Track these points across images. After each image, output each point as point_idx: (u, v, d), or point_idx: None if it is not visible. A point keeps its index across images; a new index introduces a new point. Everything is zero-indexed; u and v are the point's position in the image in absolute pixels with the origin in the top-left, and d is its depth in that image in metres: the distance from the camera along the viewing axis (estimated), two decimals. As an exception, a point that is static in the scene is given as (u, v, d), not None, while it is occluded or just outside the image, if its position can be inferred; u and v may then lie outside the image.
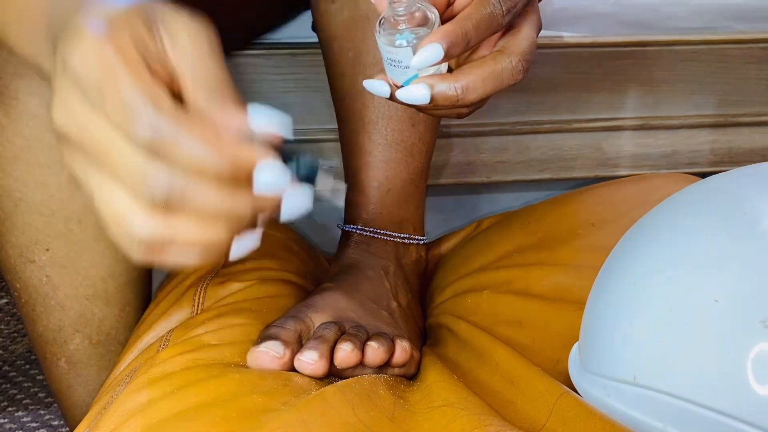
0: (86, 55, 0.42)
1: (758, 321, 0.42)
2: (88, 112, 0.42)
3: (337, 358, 0.57)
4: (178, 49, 0.44)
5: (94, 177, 0.43)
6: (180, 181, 0.41)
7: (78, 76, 0.42)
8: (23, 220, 0.71)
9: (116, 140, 0.41)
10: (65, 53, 0.43)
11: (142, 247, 0.43)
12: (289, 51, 0.88)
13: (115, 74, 0.41)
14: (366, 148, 0.71)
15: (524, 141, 0.95)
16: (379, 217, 0.72)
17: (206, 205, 0.42)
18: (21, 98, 0.67)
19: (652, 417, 0.46)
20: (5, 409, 1.03)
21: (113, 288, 0.75)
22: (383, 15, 0.50)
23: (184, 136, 0.41)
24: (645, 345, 0.47)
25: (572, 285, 0.67)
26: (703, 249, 0.46)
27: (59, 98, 0.43)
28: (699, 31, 0.93)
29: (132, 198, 0.42)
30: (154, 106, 0.41)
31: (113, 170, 0.42)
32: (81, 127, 0.42)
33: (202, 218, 0.42)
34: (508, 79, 0.51)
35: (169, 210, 0.42)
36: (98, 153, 0.42)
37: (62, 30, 0.45)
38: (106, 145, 0.42)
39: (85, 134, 0.42)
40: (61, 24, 0.46)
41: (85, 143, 0.42)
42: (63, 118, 0.43)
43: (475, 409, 0.50)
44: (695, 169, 0.97)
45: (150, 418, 0.51)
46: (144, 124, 0.40)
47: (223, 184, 0.42)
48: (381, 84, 0.52)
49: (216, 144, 0.41)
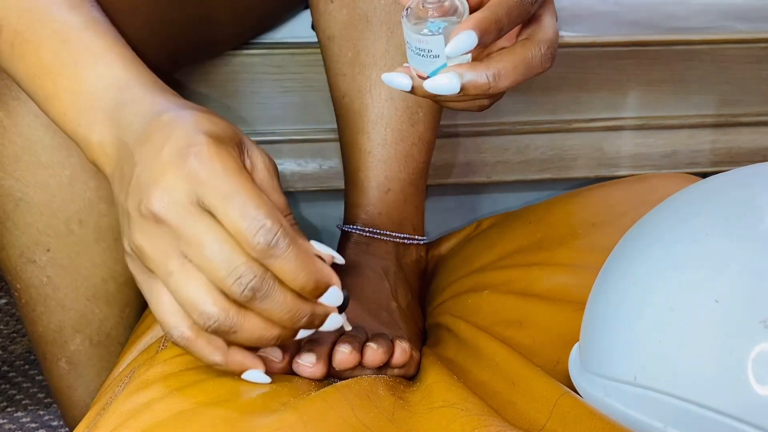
0: (206, 160, 0.48)
1: (758, 321, 0.42)
2: (197, 206, 0.48)
3: (336, 360, 0.57)
4: (256, 176, 0.51)
5: (174, 261, 0.48)
6: (267, 285, 0.48)
7: (194, 175, 0.47)
8: (24, 221, 0.71)
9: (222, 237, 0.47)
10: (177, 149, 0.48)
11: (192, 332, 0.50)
12: (288, 51, 0.88)
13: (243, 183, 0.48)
14: (365, 148, 0.71)
15: (524, 141, 0.95)
16: (379, 217, 0.72)
17: (279, 311, 0.49)
18: (23, 98, 0.67)
19: (653, 417, 0.46)
20: (4, 409, 1.03)
21: (114, 288, 0.75)
22: (409, 4, 0.50)
23: (292, 250, 0.48)
24: (645, 345, 0.46)
25: (572, 285, 0.67)
26: (704, 249, 0.46)
27: (163, 187, 0.48)
28: (699, 31, 0.93)
29: (212, 288, 0.48)
30: (277, 221, 0.47)
31: (204, 261, 0.48)
32: (183, 218, 0.48)
33: (266, 320, 0.49)
34: (537, 67, 0.51)
35: (240, 308, 0.49)
36: (194, 243, 0.48)
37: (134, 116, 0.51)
38: (207, 239, 0.47)
39: (185, 224, 0.48)
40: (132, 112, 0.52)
41: (181, 231, 0.48)
42: (164, 205, 0.48)
43: (475, 410, 0.50)
44: (696, 169, 0.97)
45: (149, 418, 0.51)
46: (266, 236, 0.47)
47: (297, 295, 0.49)
48: (401, 76, 0.51)
49: (310, 263, 0.49)
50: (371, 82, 0.70)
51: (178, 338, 0.50)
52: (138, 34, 0.58)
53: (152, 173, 0.48)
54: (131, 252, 0.51)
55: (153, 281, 0.50)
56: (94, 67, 0.53)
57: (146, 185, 0.48)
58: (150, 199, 0.48)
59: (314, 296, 0.50)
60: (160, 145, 0.49)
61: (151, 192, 0.48)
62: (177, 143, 0.48)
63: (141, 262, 0.50)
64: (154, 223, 0.48)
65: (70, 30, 0.54)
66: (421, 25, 0.49)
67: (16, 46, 0.55)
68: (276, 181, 0.52)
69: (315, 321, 0.51)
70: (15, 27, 0.55)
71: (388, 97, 0.70)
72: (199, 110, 0.51)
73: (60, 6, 0.55)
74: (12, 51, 0.55)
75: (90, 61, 0.54)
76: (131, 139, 0.51)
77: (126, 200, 0.50)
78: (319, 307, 0.51)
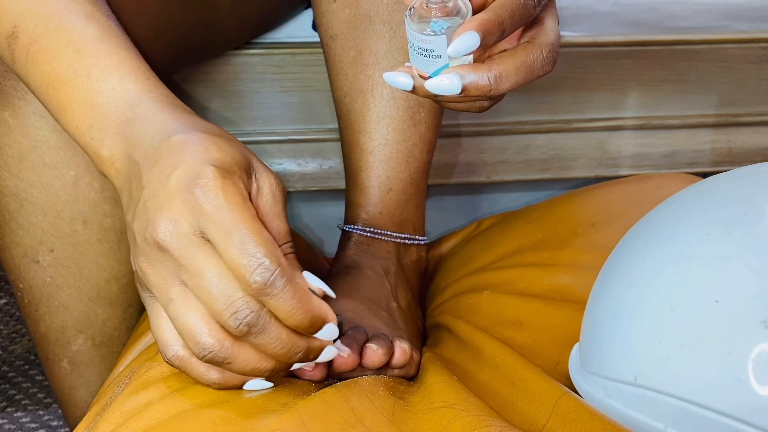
0: (212, 193, 0.48)
1: (759, 321, 0.42)
2: (201, 238, 0.48)
3: (335, 364, 0.57)
4: (261, 201, 0.51)
5: (175, 289, 0.49)
6: (264, 320, 0.48)
7: (200, 207, 0.48)
8: (28, 221, 0.71)
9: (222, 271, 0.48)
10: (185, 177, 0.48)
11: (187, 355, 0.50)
12: (288, 51, 0.88)
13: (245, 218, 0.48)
14: (367, 148, 0.71)
15: (524, 141, 0.95)
16: (380, 217, 0.72)
17: (274, 346, 0.49)
18: (29, 99, 0.67)
19: (653, 417, 0.46)
20: (4, 409, 1.03)
21: (117, 289, 0.75)
22: (412, 4, 0.50)
23: (288, 290, 0.48)
24: (645, 345, 0.46)
25: (572, 285, 0.67)
26: (704, 249, 0.46)
27: (169, 215, 0.48)
28: (699, 30, 0.93)
29: (209, 320, 0.49)
30: (276, 260, 0.48)
31: (203, 293, 0.48)
32: (186, 248, 0.48)
33: (261, 353, 0.50)
34: (538, 70, 0.51)
35: (236, 340, 0.49)
36: (194, 274, 0.48)
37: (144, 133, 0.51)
38: (208, 271, 0.48)
39: (187, 254, 0.48)
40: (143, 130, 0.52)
41: (183, 260, 0.48)
42: (168, 233, 0.48)
43: (475, 410, 0.50)
44: (696, 169, 0.97)
45: (149, 418, 0.51)
46: (263, 275, 0.47)
47: (293, 331, 0.50)
48: (402, 76, 0.51)
49: (306, 302, 0.49)
50: (373, 82, 0.70)
51: (172, 357, 0.51)
52: (144, 34, 0.58)
53: (159, 201, 0.49)
54: (135, 271, 0.51)
55: (154, 301, 0.51)
56: (107, 80, 0.53)
57: (152, 212, 0.49)
58: (155, 227, 0.48)
59: (310, 333, 0.51)
60: (168, 172, 0.49)
61: (156, 220, 0.48)
62: (185, 173, 0.48)
63: (143, 283, 0.51)
64: (157, 250, 0.49)
65: (85, 41, 0.54)
66: (424, 24, 0.49)
67: (31, 54, 0.55)
68: (281, 206, 0.52)
69: (310, 355, 0.51)
70: (31, 35, 0.55)
71: (390, 96, 0.70)
72: (209, 133, 0.51)
73: (77, 15, 0.55)
74: (27, 58, 0.55)
75: (103, 74, 0.54)
76: (141, 158, 0.51)
77: (132, 222, 0.51)
78: (315, 342, 0.51)
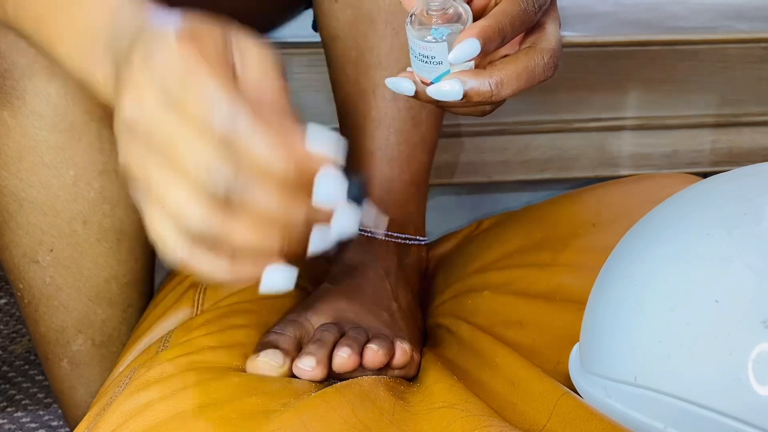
0: (171, 55, 0.44)
1: (759, 321, 0.42)
2: (163, 106, 0.43)
3: (335, 364, 0.57)
4: (248, 68, 0.46)
5: (153, 170, 0.44)
6: (245, 178, 0.42)
7: (159, 72, 0.44)
8: (27, 221, 0.71)
9: (188, 133, 0.43)
10: (146, 52, 0.44)
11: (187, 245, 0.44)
12: (288, 51, 0.88)
13: (200, 71, 0.43)
14: (367, 148, 0.71)
15: (524, 141, 0.95)
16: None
17: (266, 208, 0.43)
18: (27, 99, 0.67)
19: (653, 417, 0.46)
20: (4, 409, 1.03)
21: (116, 289, 0.75)
22: (413, 11, 0.50)
23: (257, 135, 0.42)
24: (645, 345, 0.47)
25: (572, 285, 0.67)
26: (704, 249, 0.46)
27: (132, 92, 0.44)
28: (699, 30, 0.93)
29: (192, 191, 0.43)
30: (234, 103, 0.42)
31: (178, 163, 0.43)
32: (152, 120, 0.44)
33: (257, 222, 0.44)
34: (539, 76, 0.51)
35: (227, 209, 0.43)
36: (165, 145, 0.43)
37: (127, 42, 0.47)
38: (175, 137, 0.43)
39: (154, 126, 0.44)
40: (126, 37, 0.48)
41: (152, 135, 0.44)
42: (133, 111, 0.44)
43: (475, 410, 0.50)
44: (696, 169, 0.97)
45: (149, 419, 0.51)
46: (223, 118, 0.42)
47: (284, 189, 0.43)
48: (405, 81, 0.52)
49: (285, 147, 0.43)
50: (374, 83, 0.70)
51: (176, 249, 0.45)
52: None
53: (123, 84, 0.45)
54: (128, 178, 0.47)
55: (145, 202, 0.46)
56: (92, 3, 0.51)
57: (122, 98, 0.45)
58: (121, 109, 0.45)
59: (303, 186, 0.44)
60: (138, 60, 0.45)
61: (121, 103, 0.45)
62: (144, 47, 0.45)
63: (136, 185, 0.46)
64: (128, 134, 0.45)
65: None
66: (424, 31, 0.49)
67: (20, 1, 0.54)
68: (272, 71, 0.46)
69: (317, 217, 0.45)
70: None
71: (391, 97, 0.70)
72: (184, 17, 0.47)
73: None
74: (16, 5, 0.54)
75: None
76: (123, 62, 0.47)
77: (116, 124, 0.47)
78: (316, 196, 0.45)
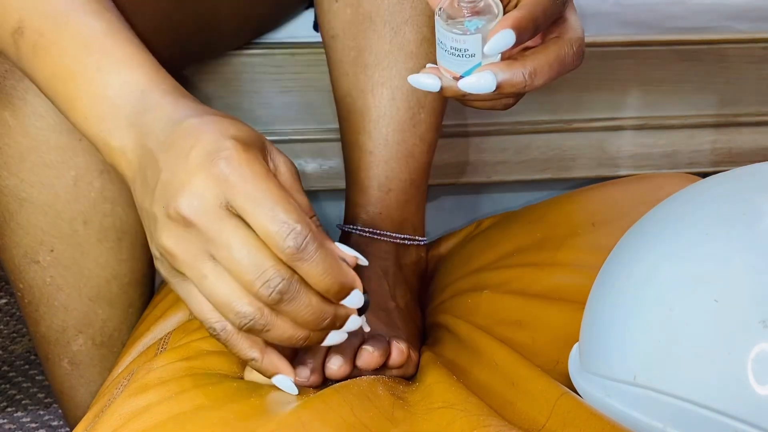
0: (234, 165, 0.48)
1: (758, 321, 0.42)
2: (225, 210, 0.48)
3: (327, 373, 0.58)
4: (280, 178, 0.51)
5: (206, 263, 0.49)
6: (295, 287, 0.49)
7: (222, 179, 0.48)
8: (28, 221, 0.71)
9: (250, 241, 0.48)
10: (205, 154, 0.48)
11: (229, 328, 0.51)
12: (288, 51, 0.88)
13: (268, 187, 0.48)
14: (367, 148, 0.71)
15: (524, 141, 0.95)
16: (379, 217, 0.72)
17: (304, 312, 0.50)
18: (29, 99, 0.67)
19: (652, 417, 0.46)
20: (4, 409, 1.03)
21: (117, 289, 0.75)
22: (441, 4, 0.50)
23: (320, 254, 0.49)
24: (645, 345, 0.47)
25: (572, 285, 0.67)
26: (704, 249, 0.46)
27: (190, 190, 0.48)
28: (699, 31, 0.93)
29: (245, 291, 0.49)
30: (307, 225, 0.48)
31: (235, 264, 0.48)
32: (212, 222, 0.48)
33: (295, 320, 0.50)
34: (569, 65, 0.52)
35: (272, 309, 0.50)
36: (224, 246, 0.48)
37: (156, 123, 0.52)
38: (236, 242, 0.48)
39: (214, 228, 0.48)
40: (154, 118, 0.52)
41: (210, 234, 0.48)
42: (190, 208, 0.48)
43: (474, 410, 0.50)
44: (696, 169, 0.97)
45: (148, 420, 0.51)
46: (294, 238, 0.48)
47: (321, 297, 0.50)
48: (428, 78, 0.52)
49: (335, 266, 0.50)
50: (373, 82, 0.70)
51: (221, 331, 0.51)
52: (143, 35, 0.59)
53: (180, 177, 0.49)
54: (160, 256, 0.51)
55: (186, 283, 0.51)
56: (117, 73, 0.54)
57: (175, 189, 0.49)
58: (179, 202, 0.48)
59: (338, 299, 0.51)
60: (186, 150, 0.49)
61: (179, 195, 0.48)
62: (205, 147, 0.49)
63: (170, 265, 0.51)
64: (183, 226, 0.49)
65: (93, 35, 0.55)
66: (456, 24, 0.49)
67: (38, 48, 0.55)
68: (299, 183, 0.52)
69: (337, 322, 0.52)
70: (38, 29, 0.55)
71: (390, 97, 0.70)
72: (221, 116, 0.52)
73: (83, 11, 0.55)
74: (34, 52, 0.55)
75: (113, 68, 0.54)
76: (154, 144, 0.51)
77: (152, 205, 0.50)
78: (341, 309, 0.52)
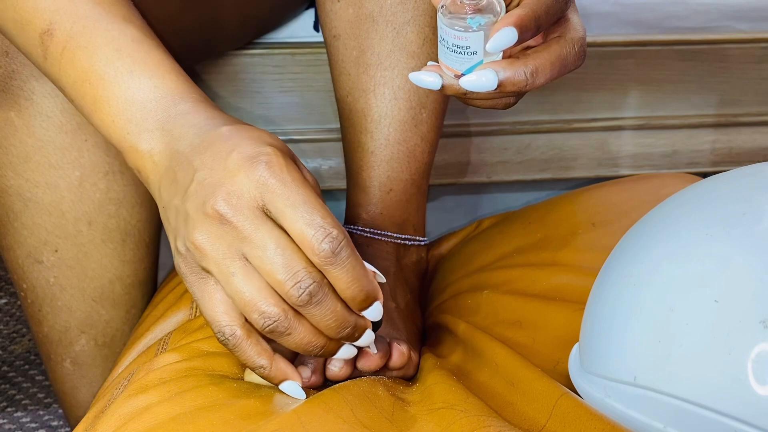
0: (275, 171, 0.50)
1: (758, 321, 0.42)
2: (261, 212, 0.50)
3: (329, 373, 0.58)
4: None
5: (235, 261, 0.50)
6: (324, 291, 0.50)
7: (261, 182, 0.50)
8: (32, 221, 0.71)
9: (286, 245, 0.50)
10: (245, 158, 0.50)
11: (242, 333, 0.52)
12: (288, 51, 0.88)
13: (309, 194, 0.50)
14: (368, 148, 0.71)
15: (524, 141, 0.95)
16: (380, 217, 0.72)
17: (328, 318, 0.51)
18: (35, 99, 0.67)
19: (652, 417, 0.46)
20: (4, 409, 1.03)
21: (120, 290, 0.75)
22: (442, 2, 0.50)
23: (352, 260, 0.50)
24: (645, 345, 0.47)
25: (572, 285, 0.67)
26: (704, 249, 0.46)
27: (227, 191, 0.50)
28: (699, 30, 0.93)
29: (273, 292, 0.50)
30: (342, 231, 0.50)
31: (267, 265, 0.50)
32: (247, 223, 0.50)
33: (317, 326, 0.51)
34: (571, 65, 0.52)
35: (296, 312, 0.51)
36: (258, 247, 0.50)
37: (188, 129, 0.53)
38: (270, 245, 0.50)
39: (249, 228, 0.50)
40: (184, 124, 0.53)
41: (246, 232, 0.50)
42: (231, 206, 0.50)
43: (474, 411, 0.50)
44: (696, 169, 0.97)
45: (148, 421, 0.51)
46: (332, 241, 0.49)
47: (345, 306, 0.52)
48: (429, 75, 0.52)
49: (364, 275, 0.51)
50: (375, 82, 0.70)
51: (230, 336, 0.52)
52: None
53: (219, 176, 0.50)
54: (186, 252, 0.52)
55: (205, 281, 0.52)
56: (149, 78, 0.55)
57: (213, 187, 0.50)
58: (217, 199, 0.50)
59: (361, 308, 0.52)
60: (225, 153, 0.51)
61: (218, 193, 0.50)
62: (245, 151, 0.50)
63: (196, 262, 0.52)
64: (218, 223, 0.50)
65: (125, 40, 0.56)
66: (458, 21, 0.49)
67: (68, 50, 0.56)
68: (320, 195, 0.53)
69: (355, 333, 0.53)
70: (69, 32, 0.55)
71: (391, 97, 0.70)
72: (252, 127, 0.54)
73: (115, 17, 0.56)
74: (63, 54, 0.56)
75: (145, 73, 0.55)
76: (186, 148, 0.52)
77: (184, 201, 0.51)
78: (361, 320, 0.53)
